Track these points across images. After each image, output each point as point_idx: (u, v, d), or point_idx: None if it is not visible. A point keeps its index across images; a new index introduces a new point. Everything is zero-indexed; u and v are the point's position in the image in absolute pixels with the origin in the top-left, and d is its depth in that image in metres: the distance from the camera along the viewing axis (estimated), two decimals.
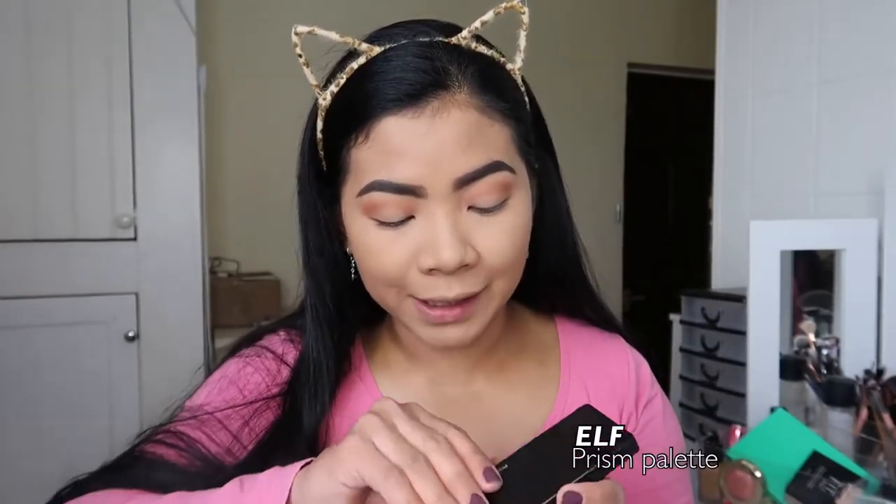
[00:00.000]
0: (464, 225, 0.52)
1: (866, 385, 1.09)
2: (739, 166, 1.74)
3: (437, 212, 0.51)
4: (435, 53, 0.52)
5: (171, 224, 2.06)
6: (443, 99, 0.51)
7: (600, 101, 3.46)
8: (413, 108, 0.50)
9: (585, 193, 3.34)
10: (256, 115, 2.73)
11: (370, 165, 0.52)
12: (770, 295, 1.23)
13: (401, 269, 0.53)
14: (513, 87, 0.56)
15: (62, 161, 1.94)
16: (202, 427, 0.58)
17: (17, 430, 1.92)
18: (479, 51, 0.55)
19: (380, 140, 0.51)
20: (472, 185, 0.51)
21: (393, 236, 0.52)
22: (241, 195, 2.69)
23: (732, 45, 1.75)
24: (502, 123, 0.53)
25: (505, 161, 0.53)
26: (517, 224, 0.54)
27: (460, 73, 0.52)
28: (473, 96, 0.52)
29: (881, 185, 1.30)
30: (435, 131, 0.50)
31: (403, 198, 0.51)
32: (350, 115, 0.53)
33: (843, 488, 0.92)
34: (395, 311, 0.57)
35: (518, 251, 0.55)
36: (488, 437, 0.61)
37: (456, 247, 0.50)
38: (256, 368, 0.62)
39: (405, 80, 0.51)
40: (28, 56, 1.89)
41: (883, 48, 1.37)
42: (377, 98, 0.51)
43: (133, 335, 2.01)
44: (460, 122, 0.51)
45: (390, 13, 0.63)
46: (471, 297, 0.53)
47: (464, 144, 0.50)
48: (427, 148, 0.50)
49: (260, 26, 2.71)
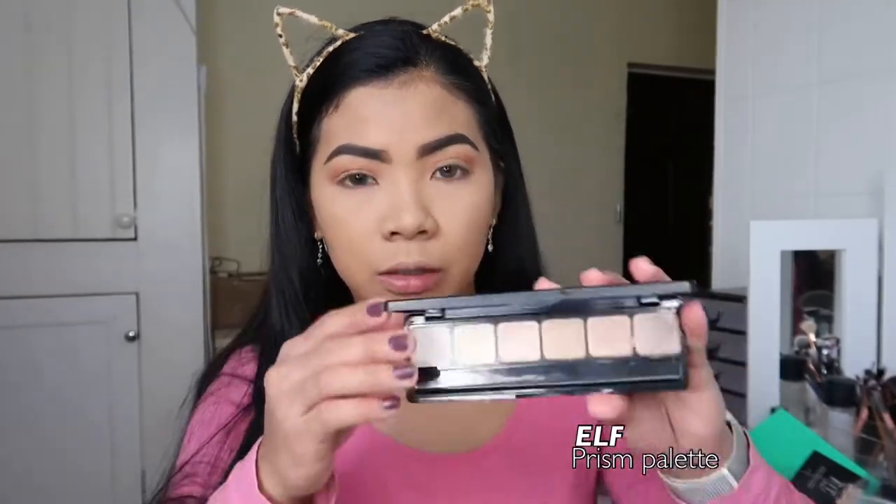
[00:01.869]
0: (426, 193, 0.54)
1: (867, 385, 1.09)
2: (739, 166, 1.74)
3: (401, 178, 0.53)
4: (407, 36, 0.56)
5: (171, 224, 2.06)
6: (410, 73, 0.54)
7: (600, 101, 3.46)
8: (382, 79, 0.54)
9: (585, 193, 3.35)
10: (256, 115, 2.71)
11: (339, 133, 0.55)
12: (770, 295, 1.23)
13: (365, 236, 0.54)
14: (478, 77, 0.59)
15: (62, 161, 1.94)
16: (196, 478, 0.57)
17: (16, 430, 1.92)
18: (447, 42, 0.58)
19: (349, 109, 0.54)
20: (434, 154, 0.54)
21: (357, 203, 0.54)
22: (241, 195, 2.69)
23: (732, 45, 1.75)
24: (466, 103, 0.57)
25: (468, 136, 0.56)
26: (476, 201, 0.56)
27: (428, 54, 0.56)
28: (439, 74, 0.55)
29: (881, 185, 1.30)
30: (401, 101, 0.53)
31: (369, 161, 0.53)
32: (323, 89, 0.56)
33: (844, 488, 0.92)
34: (364, 290, 0.57)
35: (475, 229, 0.56)
36: (461, 426, 0.62)
37: (415, 211, 0.52)
38: (228, 398, 0.62)
39: (377, 54, 0.54)
40: (28, 56, 1.89)
41: (883, 48, 1.37)
42: (349, 70, 0.55)
43: (133, 335, 2.00)
44: (426, 94, 0.54)
45: (390, 9, 0.63)
46: (430, 272, 0.54)
47: (429, 115, 0.54)
48: (393, 116, 0.53)
49: (260, 26, 2.70)
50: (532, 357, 0.39)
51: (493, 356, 0.39)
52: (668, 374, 0.37)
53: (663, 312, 0.38)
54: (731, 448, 0.44)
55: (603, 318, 0.38)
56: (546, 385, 0.39)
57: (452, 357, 0.40)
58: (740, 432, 0.46)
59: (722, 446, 0.43)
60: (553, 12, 3.32)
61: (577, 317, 0.39)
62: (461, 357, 0.40)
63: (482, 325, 0.40)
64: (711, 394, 0.41)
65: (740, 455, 0.45)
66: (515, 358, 0.39)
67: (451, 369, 0.40)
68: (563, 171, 3.26)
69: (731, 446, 0.44)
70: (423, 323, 0.40)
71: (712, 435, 0.41)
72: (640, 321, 0.38)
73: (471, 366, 0.40)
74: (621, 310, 0.38)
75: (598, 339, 0.38)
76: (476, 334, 0.40)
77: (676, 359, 0.37)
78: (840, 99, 1.47)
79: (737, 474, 0.44)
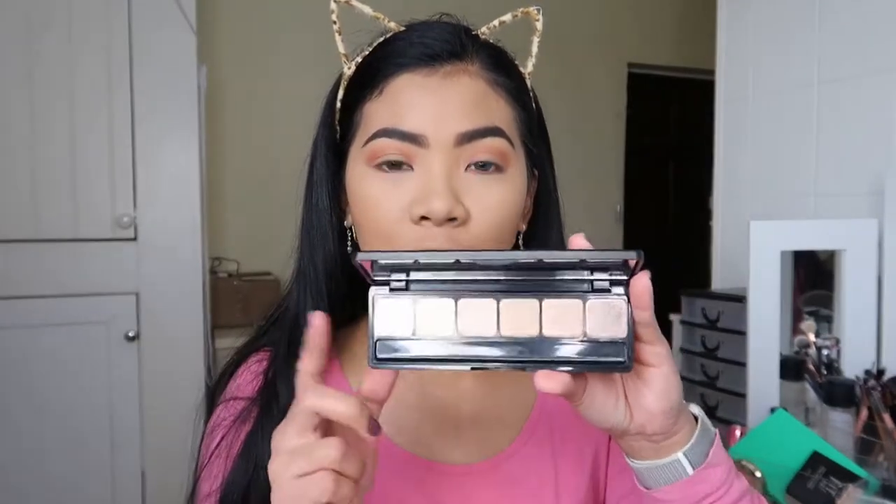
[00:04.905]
0: (459, 183, 0.54)
1: (866, 385, 1.09)
2: (739, 166, 1.74)
3: (435, 163, 0.53)
4: (457, 31, 0.57)
5: (171, 224, 2.06)
6: (456, 66, 0.55)
7: (600, 101, 3.46)
8: (428, 67, 0.55)
9: (585, 193, 3.34)
10: (256, 115, 2.73)
11: (380, 116, 0.55)
12: (770, 295, 1.23)
13: (395, 219, 0.54)
14: (521, 80, 0.60)
15: (62, 161, 1.94)
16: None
17: (16, 430, 1.92)
18: (495, 43, 0.59)
19: (392, 93, 0.55)
20: (472, 144, 0.54)
21: (390, 186, 0.54)
22: (241, 195, 2.69)
23: (732, 45, 1.75)
24: (507, 102, 0.57)
25: (506, 132, 0.56)
26: (508, 198, 0.56)
27: (475, 51, 0.56)
28: (484, 70, 0.56)
29: (881, 186, 1.30)
30: (444, 90, 0.54)
31: (406, 145, 0.54)
32: (369, 75, 0.57)
33: (844, 488, 0.92)
34: None
35: (504, 225, 0.56)
36: (473, 437, 0.61)
37: (446, 197, 0.52)
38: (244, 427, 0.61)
39: (425, 44, 0.55)
40: (28, 56, 1.89)
41: (883, 48, 1.37)
42: (396, 58, 0.55)
43: (133, 335, 2.00)
44: (469, 86, 0.55)
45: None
46: None
47: (469, 106, 0.54)
48: (434, 103, 0.54)
49: (260, 26, 2.71)
50: (489, 332, 0.42)
51: (452, 329, 0.42)
52: (614, 356, 0.41)
53: (614, 298, 0.41)
54: (690, 436, 0.46)
55: (558, 300, 0.42)
56: (500, 360, 0.42)
57: (414, 328, 0.42)
58: (708, 427, 0.48)
59: (677, 427, 0.45)
60: (553, 12, 3.32)
61: (532, 297, 0.42)
62: (422, 329, 0.42)
63: (444, 299, 0.42)
64: (664, 370, 0.43)
65: (701, 447, 0.47)
66: (473, 333, 0.42)
67: (411, 339, 0.42)
68: (562, 170, 3.25)
69: (690, 434, 0.46)
70: (387, 294, 0.43)
71: (664, 410, 0.44)
72: (591, 306, 0.41)
73: (430, 337, 0.42)
74: (575, 293, 0.42)
75: (552, 320, 0.41)
76: (437, 308, 0.42)
77: (622, 342, 0.41)
78: (840, 99, 1.47)
79: (694, 463, 0.46)
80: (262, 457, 0.54)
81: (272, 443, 0.43)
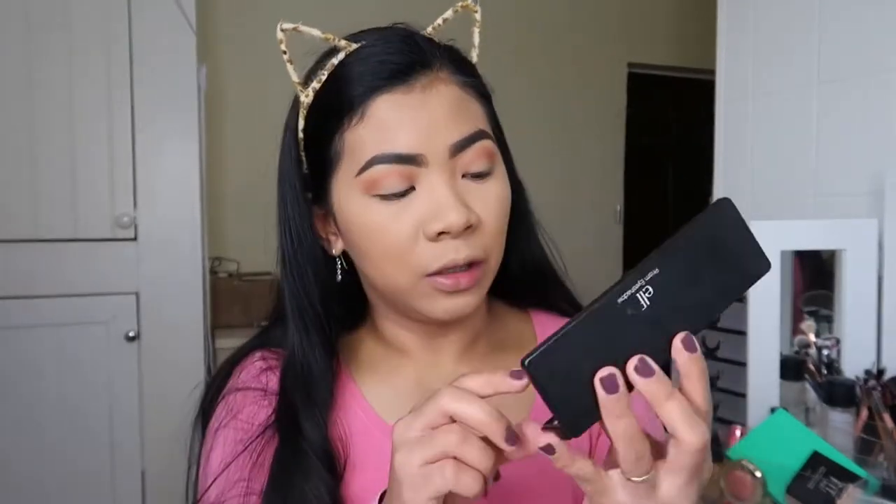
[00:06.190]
0: (461, 190, 0.55)
1: (866, 385, 1.09)
2: (739, 166, 1.74)
3: (437, 180, 0.54)
4: (413, 39, 0.57)
5: (171, 224, 2.06)
6: (428, 76, 0.55)
7: (600, 101, 3.46)
8: (403, 84, 0.54)
9: (585, 193, 3.35)
10: (256, 115, 2.72)
11: (367, 143, 0.54)
12: (770, 295, 1.23)
13: (407, 241, 0.54)
14: (478, 73, 0.61)
15: (62, 161, 1.94)
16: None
17: (16, 430, 1.92)
18: (448, 43, 0.60)
19: (375, 118, 0.54)
20: (464, 153, 0.55)
21: (396, 210, 0.54)
22: (241, 195, 2.69)
23: (732, 45, 1.75)
24: (477, 101, 0.59)
25: (487, 131, 0.58)
26: (503, 193, 0.58)
27: (437, 55, 0.57)
28: (453, 74, 0.57)
29: (881, 186, 1.30)
30: (427, 104, 0.54)
31: (404, 167, 0.54)
32: (339, 102, 0.56)
33: (844, 488, 0.92)
34: (408, 293, 0.57)
35: (505, 220, 0.58)
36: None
37: (461, 209, 0.53)
38: (246, 417, 0.61)
39: (391, 61, 0.55)
40: (28, 55, 1.89)
41: (883, 48, 1.37)
42: (367, 80, 0.55)
43: (133, 335, 2.00)
44: (446, 95, 0.55)
45: (389, 14, 0.63)
46: (476, 265, 0.56)
47: (453, 115, 0.55)
48: (422, 119, 0.54)
49: (260, 26, 2.70)
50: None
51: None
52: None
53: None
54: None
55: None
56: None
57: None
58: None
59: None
60: (553, 12, 3.32)
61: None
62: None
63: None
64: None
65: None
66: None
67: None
68: (562, 170, 3.26)
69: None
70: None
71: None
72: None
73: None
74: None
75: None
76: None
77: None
78: (840, 99, 1.47)
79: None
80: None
81: (394, 436, 0.43)
